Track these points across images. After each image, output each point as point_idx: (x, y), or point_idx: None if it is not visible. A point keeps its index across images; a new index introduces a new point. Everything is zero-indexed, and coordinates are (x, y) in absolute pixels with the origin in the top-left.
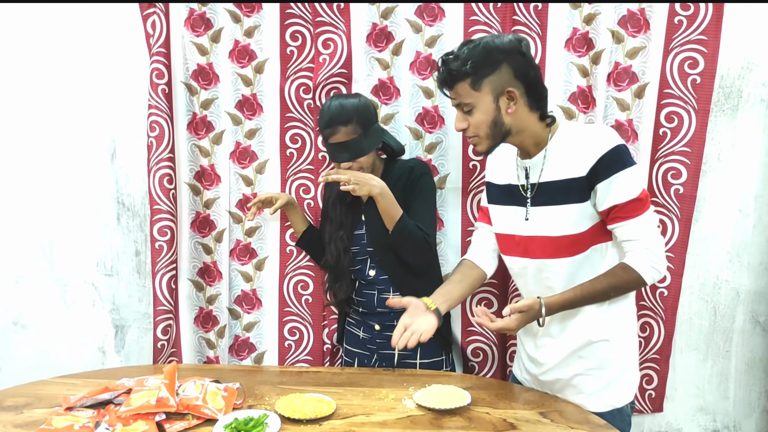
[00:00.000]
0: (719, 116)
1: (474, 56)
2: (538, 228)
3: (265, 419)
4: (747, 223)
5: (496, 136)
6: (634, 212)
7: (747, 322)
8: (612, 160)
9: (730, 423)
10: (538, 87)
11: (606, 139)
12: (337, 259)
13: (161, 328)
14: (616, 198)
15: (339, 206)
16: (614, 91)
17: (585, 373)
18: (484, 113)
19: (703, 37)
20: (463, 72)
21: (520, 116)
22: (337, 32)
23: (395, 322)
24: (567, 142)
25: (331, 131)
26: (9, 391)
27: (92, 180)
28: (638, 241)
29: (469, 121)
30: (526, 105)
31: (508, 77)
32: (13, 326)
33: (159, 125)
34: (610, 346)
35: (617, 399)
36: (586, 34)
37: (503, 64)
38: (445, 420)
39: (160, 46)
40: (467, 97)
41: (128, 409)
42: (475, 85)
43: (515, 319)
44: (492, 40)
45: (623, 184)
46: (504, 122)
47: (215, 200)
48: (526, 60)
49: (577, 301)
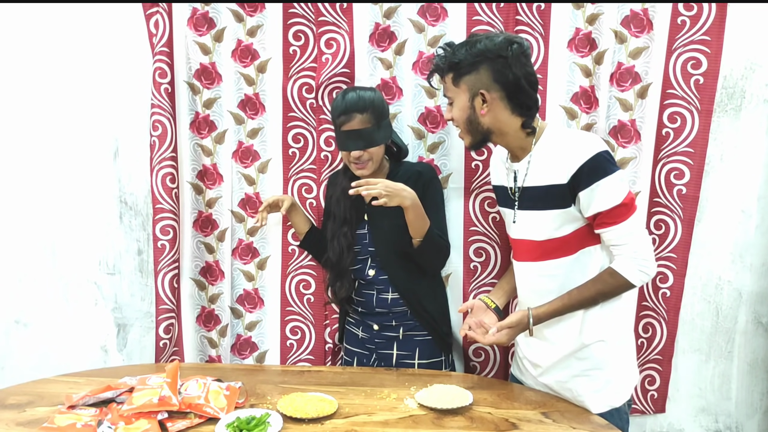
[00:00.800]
0: (722, 117)
1: (458, 53)
2: (524, 231)
3: (267, 418)
4: (750, 224)
5: (474, 133)
6: (619, 218)
7: (749, 323)
8: (592, 168)
9: (732, 424)
10: (520, 94)
11: (586, 147)
12: (339, 256)
13: (163, 327)
14: (599, 205)
15: (343, 202)
16: (617, 91)
17: (582, 374)
18: (460, 109)
19: (707, 37)
20: (446, 66)
21: (499, 119)
22: (339, 32)
23: (393, 322)
24: (550, 148)
25: (346, 118)
26: (11, 390)
27: (95, 179)
28: (625, 245)
29: (452, 113)
30: (507, 108)
31: (487, 79)
32: (15, 325)
33: (162, 124)
34: (606, 347)
35: (615, 399)
36: (588, 34)
37: (483, 65)
38: (447, 420)
39: (163, 46)
40: (449, 90)
41: (130, 407)
42: (455, 81)
43: (506, 334)
44: (482, 40)
45: (605, 192)
46: (479, 122)
47: (217, 199)
48: (508, 64)
49: (566, 309)
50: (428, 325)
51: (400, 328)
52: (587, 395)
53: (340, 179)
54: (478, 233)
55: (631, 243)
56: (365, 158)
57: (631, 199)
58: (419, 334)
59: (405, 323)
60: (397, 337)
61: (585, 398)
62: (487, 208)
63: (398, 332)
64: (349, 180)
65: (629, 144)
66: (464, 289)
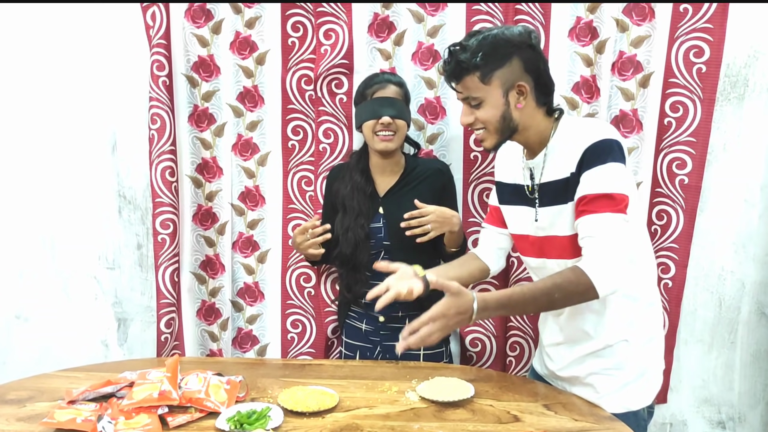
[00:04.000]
0: (725, 105)
1: (484, 48)
2: (549, 228)
3: (268, 412)
4: (753, 214)
5: (504, 131)
6: (601, 208)
7: (752, 313)
8: (595, 151)
9: (735, 414)
10: (548, 81)
11: (597, 132)
12: (354, 249)
13: (164, 321)
14: (587, 188)
15: (358, 195)
16: (619, 80)
17: (602, 371)
18: (493, 107)
19: (709, 25)
20: (473, 64)
21: (528, 111)
22: (338, 23)
23: (400, 313)
24: (565, 140)
25: (380, 86)
26: (12, 385)
27: (93, 173)
28: (594, 238)
29: (476, 115)
30: (534, 100)
31: (519, 71)
32: (15, 320)
33: (160, 117)
34: (629, 347)
35: (633, 402)
36: (590, 23)
37: (514, 57)
38: (449, 412)
39: (160, 38)
40: (476, 90)
41: (130, 402)
42: (484, 79)
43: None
44: (502, 32)
45: (600, 176)
46: (513, 117)
47: (217, 193)
48: (536, 53)
49: (518, 298)
50: None
51: (406, 320)
52: (604, 393)
53: (350, 174)
54: (476, 224)
55: (603, 238)
56: (393, 128)
57: (622, 198)
58: None
59: (411, 314)
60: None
61: (601, 396)
62: (486, 199)
63: (404, 323)
64: (360, 173)
65: (631, 134)
66: None
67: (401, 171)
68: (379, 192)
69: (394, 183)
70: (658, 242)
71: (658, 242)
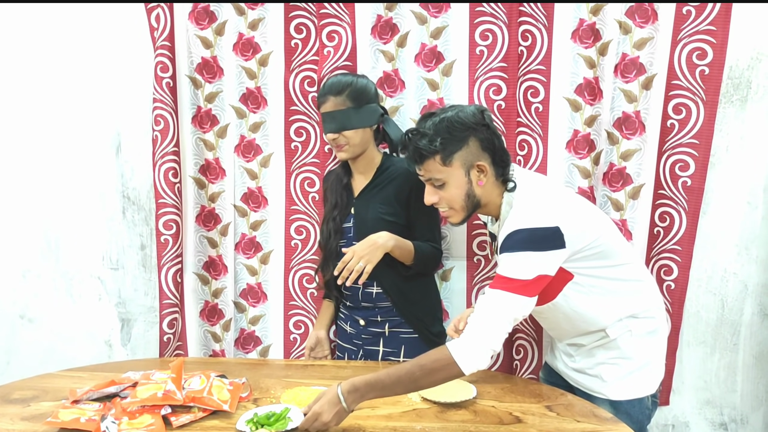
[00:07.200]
0: (728, 108)
1: (441, 132)
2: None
3: (287, 413)
4: (755, 216)
5: (469, 207)
6: (495, 285)
7: (755, 315)
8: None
9: (737, 416)
10: (504, 155)
11: (520, 220)
12: (327, 239)
13: (167, 321)
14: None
15: (336, 187)
16: (621, 82)
17: (608, 361)
18: (456, 187)
19: (712, 27)
20: (431, 149)
21: (488, 188)
22: (341, 24)
23: (379, 317)
24: (508, 217)
25: (322, 100)
26: (16, 384)
27: (97, 174)
28: (475, 313)
29: (440, 195)
30: (493, 175)
31: (476, 150)
32: (20, 320)
33: (164, 119)
34: (632, 338)
35: (638, 389)
36: (593, 25)
37: (470, 138)
38: (451, 413)
39: (164, 40)
40: (438, 173)
41: (134, 401)
42: (445, 161)
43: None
44: (456, 114)
45: (503, 261)
46: (476, 194)
47: (220, 194)
48: (490, 131)
49: (383, 380)
50: (414, 323)
51: (385, 324)
52: (611, 381)
53: (338, 169)
54: (480, 226)
55: (480, 316)
56: (341, 141)
57: (521, 284)
58: (405, 331)
59: (391, 319)
60: (383, 333)
61: (608, 385)
62: None
63: (384, 328)
64: (341, 168)
65: (634, 136)
66: (467, 283)
67: (375, 171)
68: (354, 191)
69: (367, 183)
70: (661, 244)
71: (661, 244)
